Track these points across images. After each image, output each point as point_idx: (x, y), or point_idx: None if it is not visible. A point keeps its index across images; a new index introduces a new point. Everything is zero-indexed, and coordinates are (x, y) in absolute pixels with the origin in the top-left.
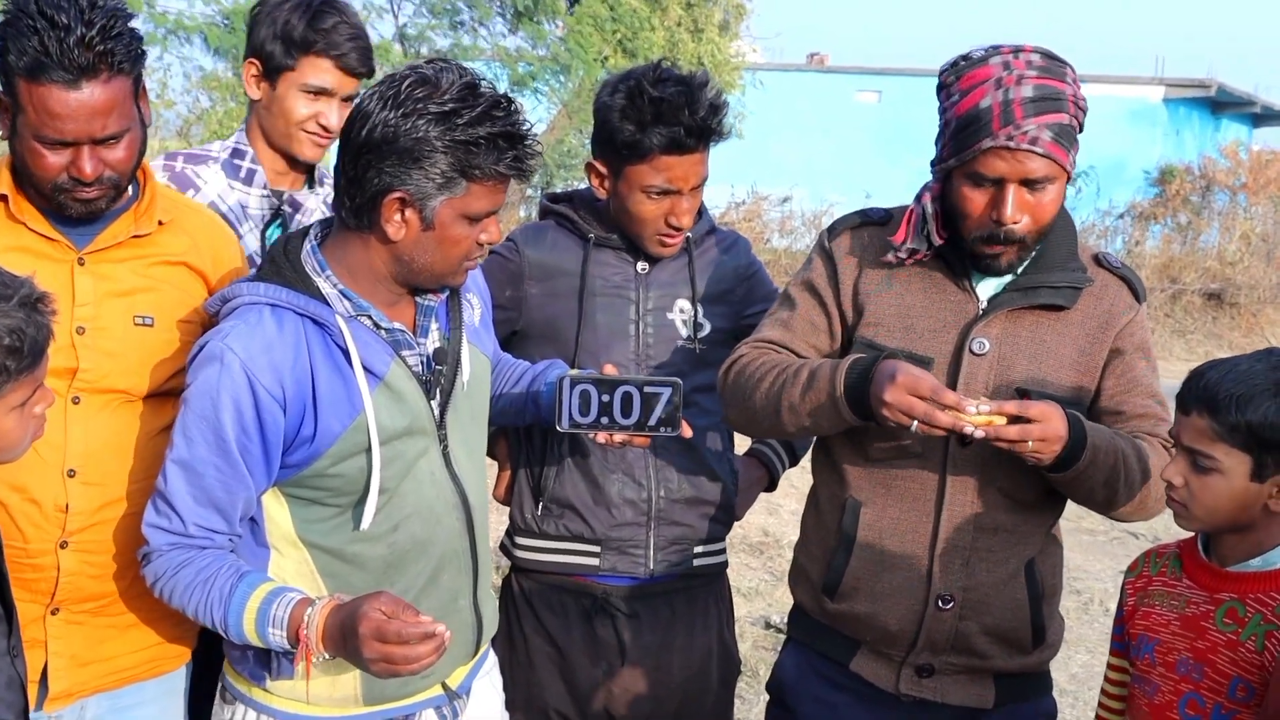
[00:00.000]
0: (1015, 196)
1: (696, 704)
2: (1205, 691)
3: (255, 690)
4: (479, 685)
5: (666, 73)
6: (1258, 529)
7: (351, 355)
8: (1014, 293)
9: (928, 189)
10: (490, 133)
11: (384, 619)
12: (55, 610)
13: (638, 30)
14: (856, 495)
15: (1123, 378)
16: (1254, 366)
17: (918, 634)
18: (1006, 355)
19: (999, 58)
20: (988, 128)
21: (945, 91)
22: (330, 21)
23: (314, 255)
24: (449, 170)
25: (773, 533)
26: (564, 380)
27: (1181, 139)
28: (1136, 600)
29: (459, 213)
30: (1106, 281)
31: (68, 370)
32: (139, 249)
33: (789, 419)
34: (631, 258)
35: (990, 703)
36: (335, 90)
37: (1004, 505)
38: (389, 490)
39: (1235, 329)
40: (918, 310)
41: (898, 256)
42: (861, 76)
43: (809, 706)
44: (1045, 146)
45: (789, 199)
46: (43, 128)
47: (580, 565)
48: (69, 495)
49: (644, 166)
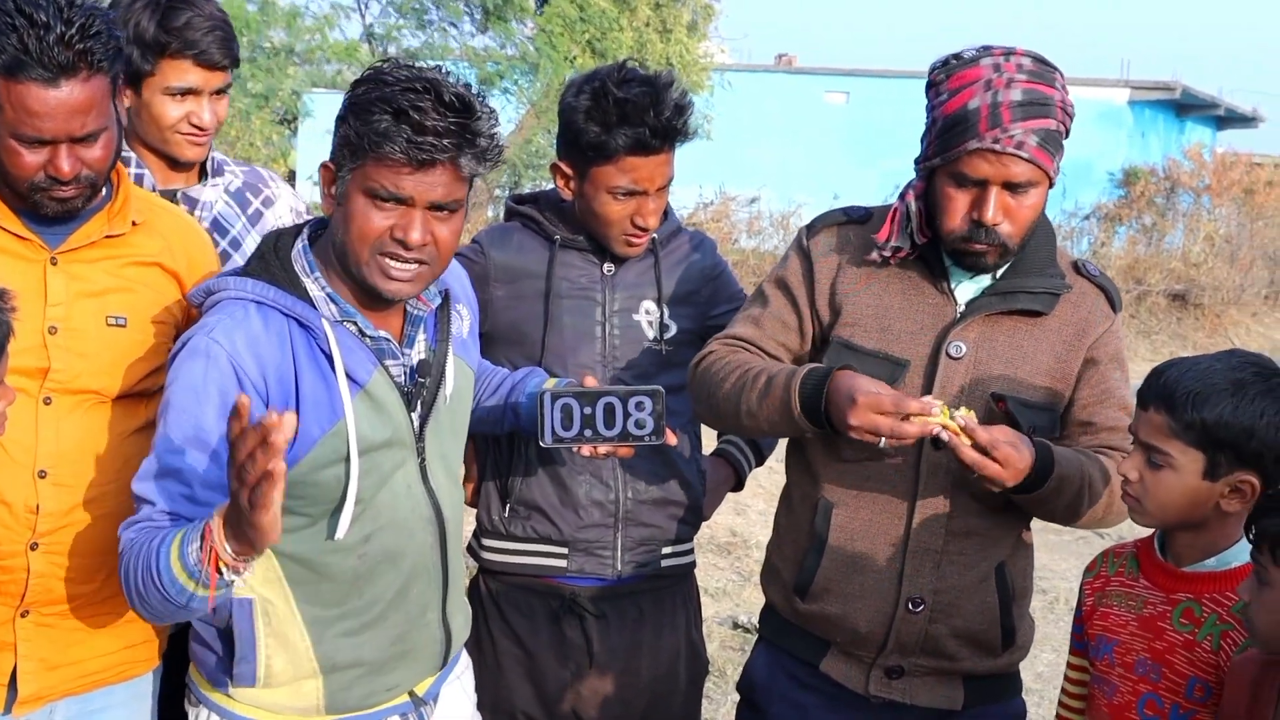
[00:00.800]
0: (997, 199)
1: (665, 704)
2: (1163, 692)
3: (218, 695)
4: (448, 690)
5: (631, 73)
6: (1211, 528)
7: (335, 360)
8: (992, 297)
9: (911, 187)
10: (399, 107)
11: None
12: (25, 613)
13: (606, 30)
14: (829, 496)
15: (1096, 388)
16: (1214, 365)
17: (888, 636)
18: (983, 360)
19: (990, 59)
20: (974, 129)
21: (934, 90)
22: (183, 18)
23: (304, 255)
24: (354, 137)
25: (741, 533)
26: (544, 395)
27: (1147, 141)
28: (1095, 601)
29: (360, 187)
30: (1084, 289)
31: (39, 370)
32: (112, 249)
33: (749, 423)
34: (597, 259)
35: (959, 704)
36: (201, 88)
37: (976, 509)
38: (364, 501)
39: (1199, 330)
40: (895, 312)
41: (881, 254)
42: (830, 77)
43: (778, 707)
44: (1031, 151)
45: (757, 200)
46: (21, 126)
47: (548, 567)
48: (40, 496)
49: (609, 167)
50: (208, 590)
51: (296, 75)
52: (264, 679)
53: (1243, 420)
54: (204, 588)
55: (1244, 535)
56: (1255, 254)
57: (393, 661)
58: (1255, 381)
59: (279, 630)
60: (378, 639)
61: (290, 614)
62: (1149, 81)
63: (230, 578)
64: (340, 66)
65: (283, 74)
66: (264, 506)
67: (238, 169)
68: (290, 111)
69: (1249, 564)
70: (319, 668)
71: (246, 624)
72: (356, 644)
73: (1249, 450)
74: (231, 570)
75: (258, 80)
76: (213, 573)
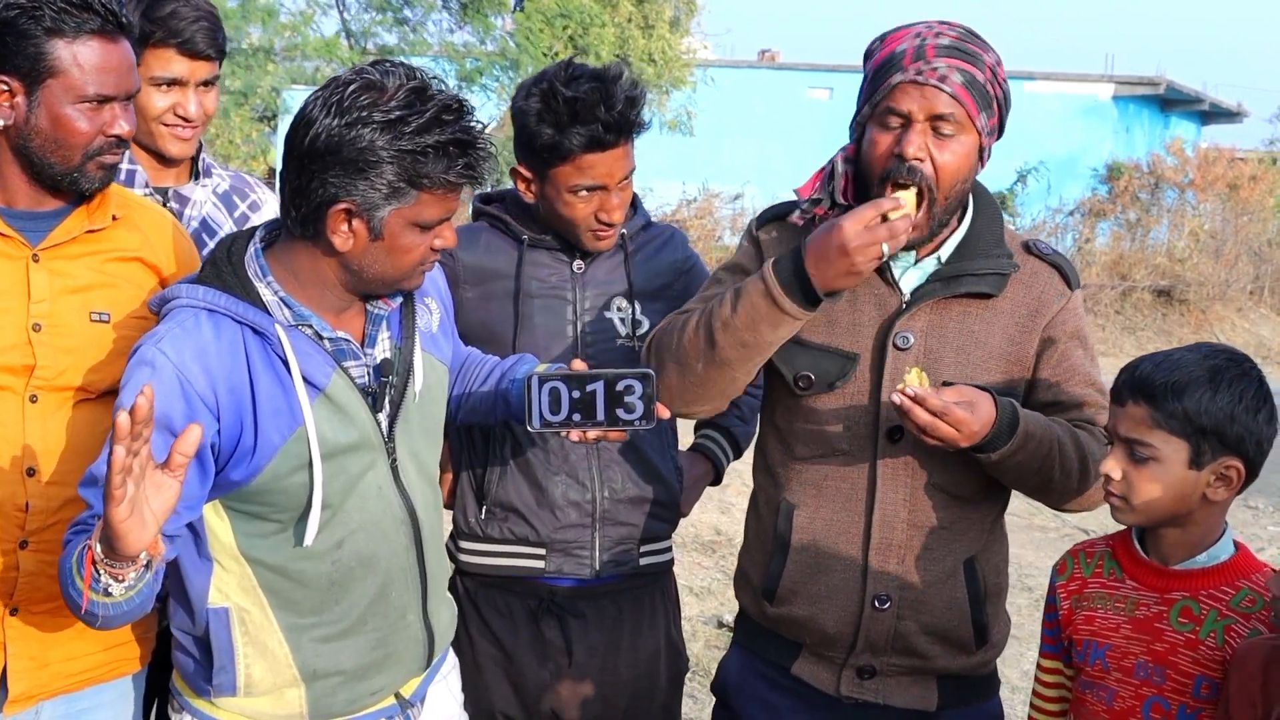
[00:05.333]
0: (920, 135)
1: (645, 703)
2: (1169, 694)
3: (202, 702)
4: (434, 690)
5: (579, 70)
6: (1198, 523)
7: (291, 365)
8: (936, 283)
9: (842, 150)
10: (439, 140)
11: None
12: (14, 610)
13: (588, 26)
14: (790, 498)
15: (1059, 366)
16: (1186, 356)
17: (856, 635)
18: (933, 348)
19: (923, 24)
20: (899, 64)
21: (868, 58)
22: (168, 8)
23: (257, 259)
24: (396, 180)
25: (725, 531)
26: (532, 379)
27: (1131, 136)
28: (1072, 604)
29: (409, 221)
30: (1036, 269)
31: (25, 368)
32: (93, 244)
33: (724, 341)
34: (567, 257)
35: (934, 705)
36: (187, 78)
37: (940, 502)
38: (333, 506)
39: (1184, 325)
40: (841, 306)
41: (802, 215)
42: (813, 74)
43: (751, 707)
44: (953, 87)
45: (740, 196)
46: (86, 86)
47: (525, 568)
48: (29, 494)
49: (567, 167)
50: (84, 586)
51: (276, 72)
52: (244, 688)
53: (1223, 405)
54: (83, 582)
55: (1227, 526)
56: (1240, 249)
57: (375, 666)
58: (1229, 367)
59: (257, 639)
60: (357, 644)
61: (267, 622)
62: (1133, 76)
63: (106, 581)
64: (319, 63)
65: (262, 71)
66: (111, 499)
67: (224, 173)
68: (270, 109)
69: (1239, 555)
70: (299, 675)
71: (224, 633)
72: (336, 650)
73: (1231, 435)
74: (107, 573)
75: (237, 77)
76: (88, 568)
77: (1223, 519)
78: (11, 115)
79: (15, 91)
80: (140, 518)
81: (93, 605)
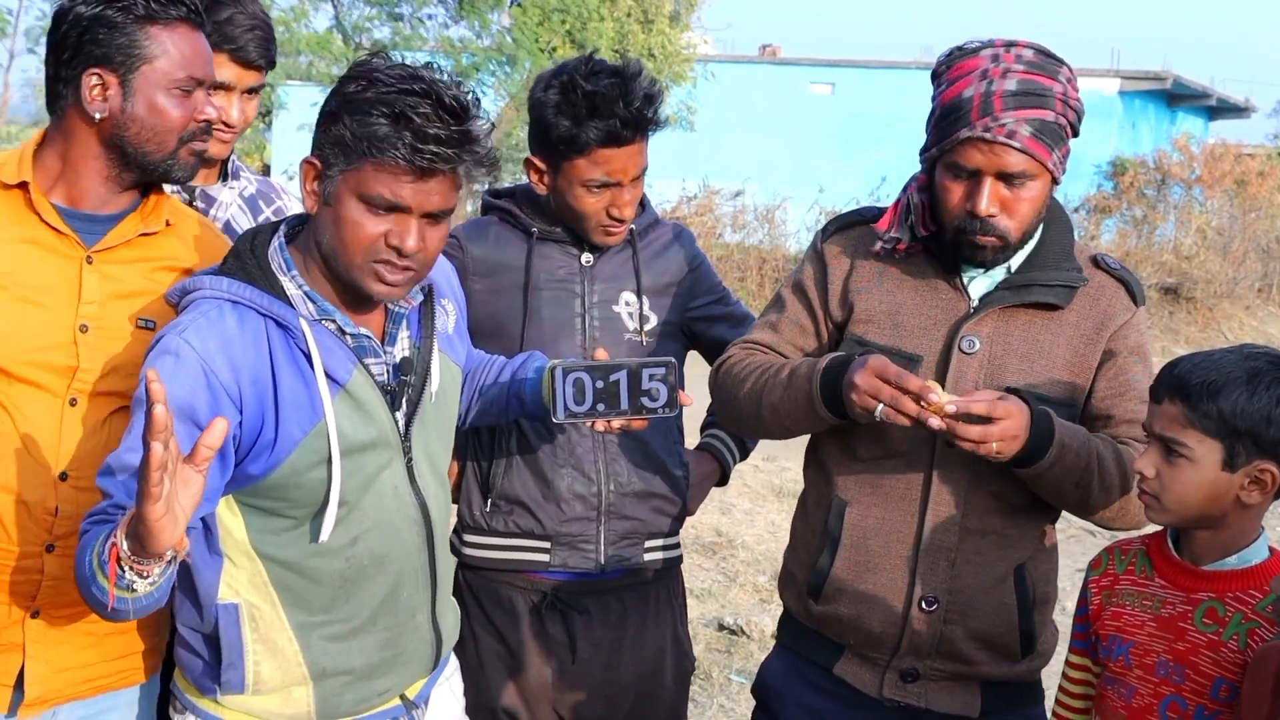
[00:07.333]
0: (991, 190)
1: (650, 702)
2: (1188, 694)
3: (206, 701)
4: (438, 693)
5: (599, 65)
6: (1230, 525)
7: (314, 359)
8: (1005, 291)
9: (914, 180)
10: (399, 111)
11: None
12: (36, 613)
13: (587, 21)
14: (843, 495)
15: (1115, 380)
16: (1227, 357)
17: (901, 637)
18: (998, 355)
19: (990, 50)
20: (966, 118)
21: (936, 80)
22: (225, 13)
23: (280, 253)
24: (349, 139)
25: (726, 533)
26: (555, 370)
27: (1138, 132)
28: (1103, 600)
29: (353, 191)
30: (1103, 283)
31: (68, 369)
32: (145, 250)
33: (771, 419)
34: (576, 251)
35: (976, 711)
36: (234, 84)
37: (993, 508)
38: (349, 503)
39: (1192, 324)
40: (908, 307)
41: (883, 246)
42: (815, 68)
43: (793, 711)
44: (1023, 141)
45: (741, 193)
46: (178, 70)
47: (530, 561)
48: (59, 499)
49: (582, 161)
50: (108, 584)
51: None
52: (253, 685)
53: (1260, 408)
54: (107, 580)
55: (1263, 531)
56: (1248, 246)
57: (383, 666)
58: (1269, 370)
59: (267, 636)
60: (367, 644)
61: (278, 619)
62: (1140, 71)
63: (130, 578)
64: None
65: None
66: (148, 497)
67: (252, 177)
68: (264, 104)
69: (1271, 560)
70: (308, 674)
71: (233, 629)
72: (345, 649)
73: (1267, 438)
74: (132, 570)
75: None
76: (112, 565)
77: (1258, 523)
78: (106, 108)
79: (109, 84)
80: (173, 514)
81: (119, 602)
